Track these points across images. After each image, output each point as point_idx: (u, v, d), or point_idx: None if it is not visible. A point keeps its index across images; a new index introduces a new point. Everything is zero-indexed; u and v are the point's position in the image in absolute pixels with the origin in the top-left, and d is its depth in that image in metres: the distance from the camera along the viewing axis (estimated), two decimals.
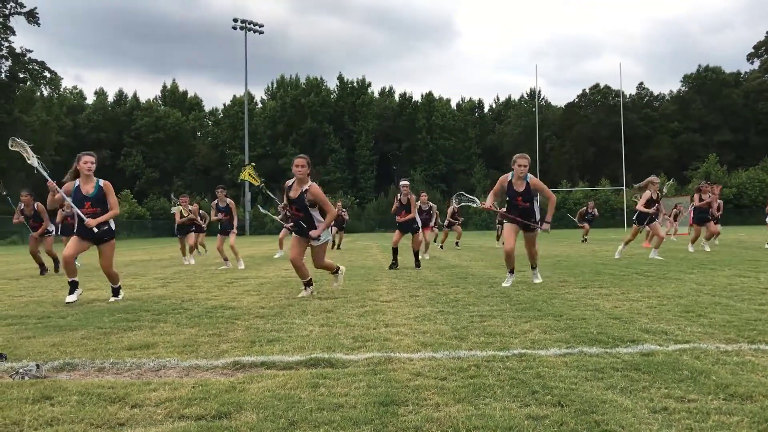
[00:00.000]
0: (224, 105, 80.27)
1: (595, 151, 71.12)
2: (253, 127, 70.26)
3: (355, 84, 79.05)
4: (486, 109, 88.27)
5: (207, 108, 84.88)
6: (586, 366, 3.64)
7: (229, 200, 12.80)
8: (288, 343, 4.43)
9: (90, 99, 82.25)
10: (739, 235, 26.03)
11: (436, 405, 2.91)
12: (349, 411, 2.83)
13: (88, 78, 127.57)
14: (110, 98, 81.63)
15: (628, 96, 73.59)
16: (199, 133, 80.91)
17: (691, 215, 15.40)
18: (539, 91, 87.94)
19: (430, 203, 15.75)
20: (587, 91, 77.23)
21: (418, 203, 12.90)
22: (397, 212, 11.97)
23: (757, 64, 74.88)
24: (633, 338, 4.43)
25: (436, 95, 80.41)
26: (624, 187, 51.59)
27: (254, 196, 62.29)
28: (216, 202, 12.76)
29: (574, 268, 10.42)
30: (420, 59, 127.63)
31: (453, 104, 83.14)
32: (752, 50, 75.52)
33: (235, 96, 78.67)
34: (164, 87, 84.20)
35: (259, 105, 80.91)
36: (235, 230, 12.68)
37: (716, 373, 3.42)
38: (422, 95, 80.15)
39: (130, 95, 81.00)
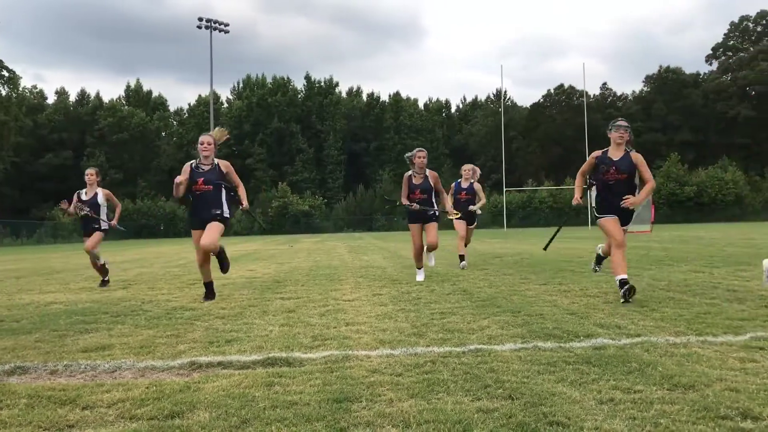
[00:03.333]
0: (189, 105, 79.44)
1: (560, 151, 72.14)
2: (219, 126, 69.62)
3: (322, 83, 78.87)
4: (453, 109, 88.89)
5: (172, 108, 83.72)
6: (539, 360, 3.72)
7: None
8: (246, 343, 4.42)
9: (51, 99, 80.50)
10: (698, 232, 26.67)
11: (390, 400, 2.95)
12: (303, 408, 2.85)
13: (50, 77, 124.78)
14: (72, 98, 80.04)
15: (592, 96, 74.85)
16: (164, 134, 79.76)
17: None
18: (505, 91, 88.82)
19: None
20: (552, 91, 78.33)
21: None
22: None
23: (715, 65, 76.93)
24: (587, 333, 4.53)
25: (404, 95, 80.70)
26: (587, 186, 52.38)
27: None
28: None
29: (537, 266, 10.58)
30: (388, 58, 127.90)
31: (421, 104, 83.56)
32: (710, 52, 77.57)
33: (200, 95, 77.85)
34: (128, 87, 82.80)
35: (225, 105, 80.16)
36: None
37: (663, 365, 3.52)
38: (390, 95, 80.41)
39: (92, 95, 79.53)
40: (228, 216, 7.11)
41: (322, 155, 74.84)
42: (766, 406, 2.76)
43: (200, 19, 58.47)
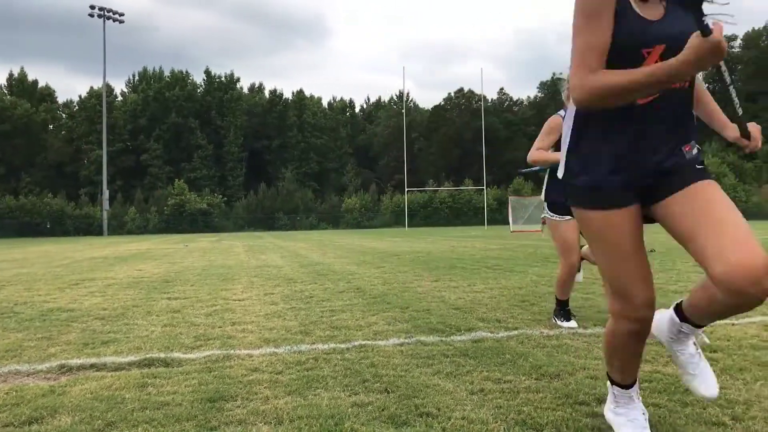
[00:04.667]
0: (80, 97, 75.07)
1: (460, 153, 74.17)
2: (113, 120, 66.26)
3: (223, 79, 76.95)
4: (357, 109, 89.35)
5: (61, 99, 78.89)
6: (420, 354, 3.81)
7: None
8: (124, 344, 4.25)
9: None
10: None
11: (266, 398, 2.93)
12: (174, 409, 2.77)
13: None
14: None
15: (490, 100, 77.52)
16: (51, 126, 75.03)
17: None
18: (408, 93, 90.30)
19: None
20: (452, 94, 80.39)
21: None
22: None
23: None
24: (469, 327, 4.69)
25: (308, 93, 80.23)
26: (485, 188, 54.25)
27: (112, 195, 58.89)
28: None
29: (431, 263, 10.83)
30: (292, 56, 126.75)
31: (324, 103, 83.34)
32: None
33: (92, 87, 73.75)
34: (11, 75, 77.19)
35: (120, 98, 76.48)
36: None
37: (534, 356, 3.71)
38: (293, 92, 79.65)
39: None
40: None
41: (221, 152, 72.97)
42: None
43: (92, 7, 55.55)
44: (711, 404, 2.74)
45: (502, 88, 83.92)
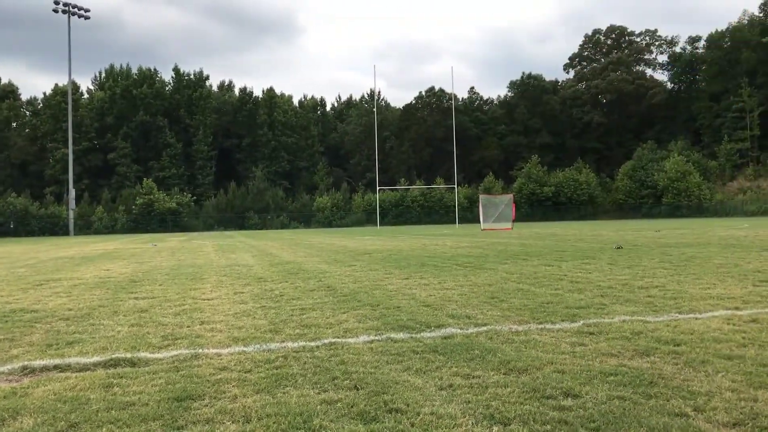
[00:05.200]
0: (45, 94, 73.43)
1: (431, 152, 74.38)
2: (78, 118, 64.96)
3: (192, 77, 75.97)
4: (328, 107, 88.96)
5: (24, 97, 77.08)
6: (389, 351, 3.82)
7: None
8: (89, 345, 4.18)
9: None
10: (554, 229, 28.57)
11: (234, 397, 2.90)
12: (140, 408, 2.74)
13: None
14: None
15: (461, 99, 77.89)
16: (14, 124, 73.26)
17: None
18: (379, 92, 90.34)
19: None
20: (423, 93, 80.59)
21: None
22: None
23: (572, 73, 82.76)
24: (439, 323, 4.71)
25: (278, 91, 79.62)
26: (456, 186, 54.52)
27: (79, 194, 57.81)
28: None
29: (402, 261, 10.85)
30: (262, 54, 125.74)
31: (295, 101, 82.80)
32: (568, 61, 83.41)
33: (57, 85, 72.17)
34: None
35: (86, 95, 75.00)
36: None
37: (502, 351, 3.74)
38: (264, 90, 78.98)
39: None
40: None
41: (191, 150, 72.03)
42: (586, 385, 3.01)
43: (56, 2, 54.38)
44: (674, 396, 2.80)
45: (472, 88, 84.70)
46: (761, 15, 64.65)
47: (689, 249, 11.96)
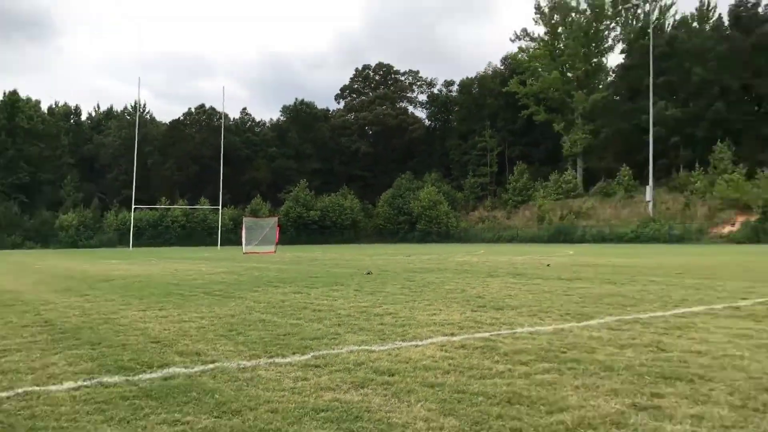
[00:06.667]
0: None
1: (197, 170, 71.87)
2: None
3: None
4: (84, 117, 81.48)
5: None
6: (95, 399, 3.47)
7: None
8: None
9: None
10: (316, 253, 29.15)
11: None
12: None
13: None
14: None
15: (232, 119, 76.68)
16: None
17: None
18: (144, 104, 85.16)
19: None
20: (193, 110, 77.84)
21: None
22: None
23: (342, 104, 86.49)
24: (163, 362, 4.43)
25: (23, 95, 70.87)
26: (221, 207, 53.26)
27: None
28: None
29: (145, 290, 10.14)
30: (6, 53, 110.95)
31: (44, 107, 74.43)
32: (339, 92, 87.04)
33: None
34: None
35: None
36: None
37: (222, 392, 3.61)
38: (5, 93, 69.74)
39: None
40: None
41: None
42: (295, 424, 3.01)
43: None
44: (374, 430, 2.91)
45: (245, 108, 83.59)
46: (502, 68, 73.95)
47: (429, 274, 12.94)
